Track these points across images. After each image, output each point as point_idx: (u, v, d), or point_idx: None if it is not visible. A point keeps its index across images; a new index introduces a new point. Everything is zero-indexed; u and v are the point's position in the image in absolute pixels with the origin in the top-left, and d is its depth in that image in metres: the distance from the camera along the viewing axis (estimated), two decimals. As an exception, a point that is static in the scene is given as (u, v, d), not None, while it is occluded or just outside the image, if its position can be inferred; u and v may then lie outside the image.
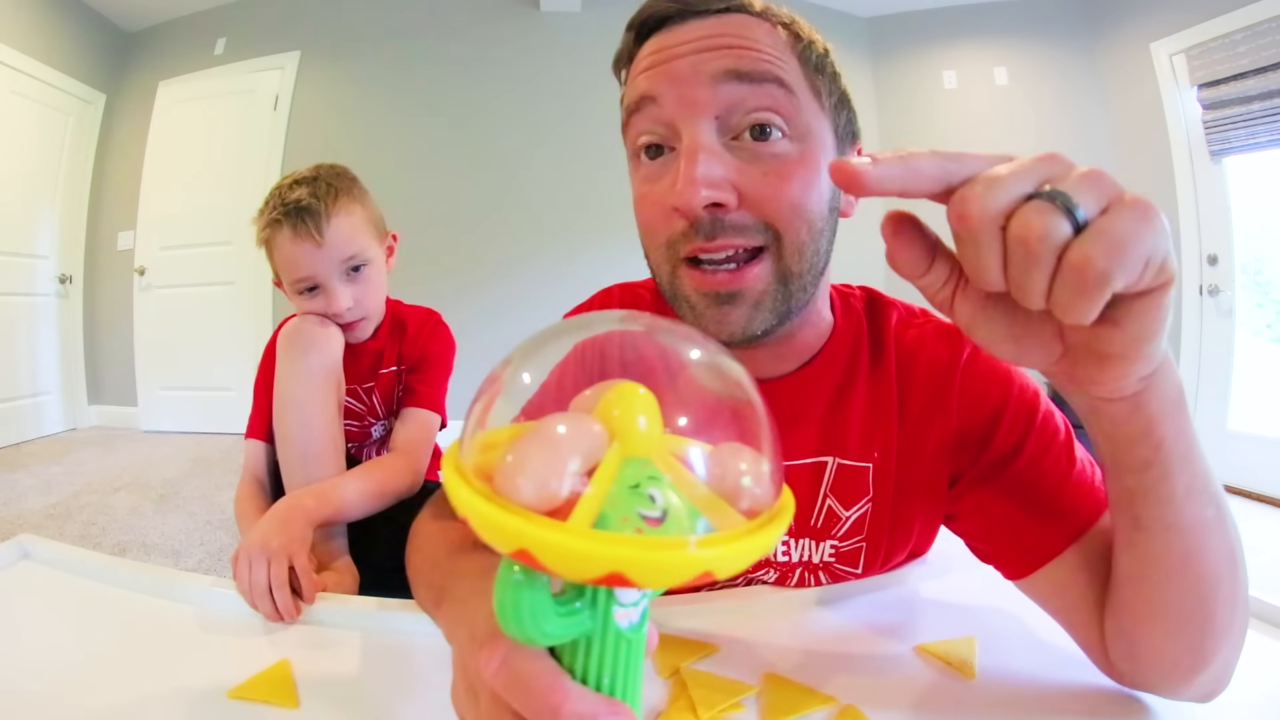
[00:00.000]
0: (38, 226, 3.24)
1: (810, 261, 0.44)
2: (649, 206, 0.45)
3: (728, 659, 0.45)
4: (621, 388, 0.19)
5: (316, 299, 0.82)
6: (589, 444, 0.17)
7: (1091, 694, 0.41)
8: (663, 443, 0.19)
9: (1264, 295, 2.78)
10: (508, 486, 0.17)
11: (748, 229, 0.41)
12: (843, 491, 0.52)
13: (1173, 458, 0.31)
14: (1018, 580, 0.46)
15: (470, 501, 0.17)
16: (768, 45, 0.42)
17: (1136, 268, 0.22)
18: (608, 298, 0.60)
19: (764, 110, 0.41)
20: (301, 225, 0.78)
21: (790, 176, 0.42)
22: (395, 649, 0.47)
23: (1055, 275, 0.23)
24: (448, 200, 3.18)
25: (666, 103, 0.42)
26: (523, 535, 0.16)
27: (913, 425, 0.50)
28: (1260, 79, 2.51)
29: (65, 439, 3.21)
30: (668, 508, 0.17)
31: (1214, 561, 0.35)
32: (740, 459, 0.19)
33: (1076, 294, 0.22)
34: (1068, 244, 0.22)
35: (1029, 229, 0.22)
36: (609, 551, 0.16)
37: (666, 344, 0.22)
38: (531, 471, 0.17)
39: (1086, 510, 0.43)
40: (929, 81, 3.44)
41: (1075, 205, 0.22)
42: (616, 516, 0.17)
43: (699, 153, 0.40)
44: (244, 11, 3.41)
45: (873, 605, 0.53)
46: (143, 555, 1.79)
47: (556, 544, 0.16)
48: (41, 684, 0.40)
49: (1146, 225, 0.22)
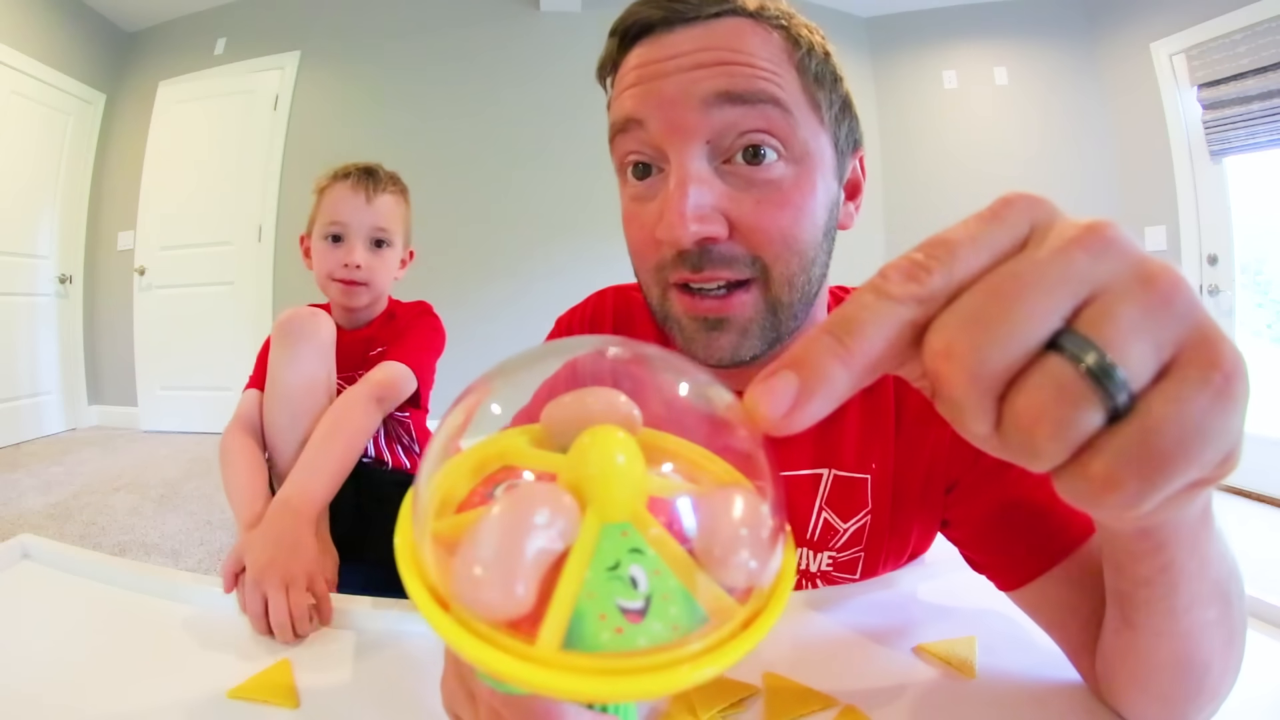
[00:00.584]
0: (38, 226, 3.24)
1: (801, 290, 0.42)
2: (637, 230, 0.43)
3: (728, 659, 0.45)
4: (596, 433, 0.17)
5: (338, 249, 0.92)
6: (556, 525, 0.15)
7: (1092, 694, 0.41)
8: (644, 489, 0.17)
9: (1264, 295, 2.78)
10: (466, 597, 0.15)
11: (736, 261, 0.40)
12: (840, 503, 0.51)
13: (1180, 577, 0.26)
14: (1009, 592, 0.46)
15: (430, 613, 0.15)
16: (763, 58, 0.39)
17: (1188, 480, 0.15)
18: (601, 301, 0.60)
19: (758, 132, 0.39)
20: (363, 181, 0.92)
21: (784, 204, 0.40)
22: (394, 648, 0.47)
23: (1065, 468, 0.15)
24: (447, 200, 3.18)
25: (654, 127, 0.40)
26: (487, 662, 0.14)
27: (910, 433, 0.50)
28: (1260, 79, 2.51)
29: (65, 439, 3.21)
30: (650, 594, 0.15)
31: (1208, 654, 0.31)
32: (734, 513, 0.17)
33: (1085, 504, 0.16)
34: (1097, 434, 0.15)
35: (1038, 421, 0.15)
36: (577, 685, 0.14)
37: (650, 372, 0.19)
38: (489, 581, 0.14)
39: (1080, 524, 0.42)
40: (929, 81, 3.44)
41: (1115, 376, 0.14)
42: (594, 614, 0.15)
43: (688, 184, 0.38)
44: (244, 11, 3.41)
45: (873, 605, 0.53)
46: (142, 555, 1.79)
47: (523, 675, 0.14)
48: (41, 684, 0.40)
49: (1220, 413, 0.15)
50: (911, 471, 0.50)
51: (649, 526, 0.16)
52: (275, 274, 3.28)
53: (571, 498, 0.16)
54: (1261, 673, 0.43)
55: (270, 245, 3.28)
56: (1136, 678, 0.34)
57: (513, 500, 0.15)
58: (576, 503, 0.16)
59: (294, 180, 3.23)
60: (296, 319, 0.80)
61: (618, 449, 0.16)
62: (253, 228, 3.30)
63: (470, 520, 0.16)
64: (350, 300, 0.93)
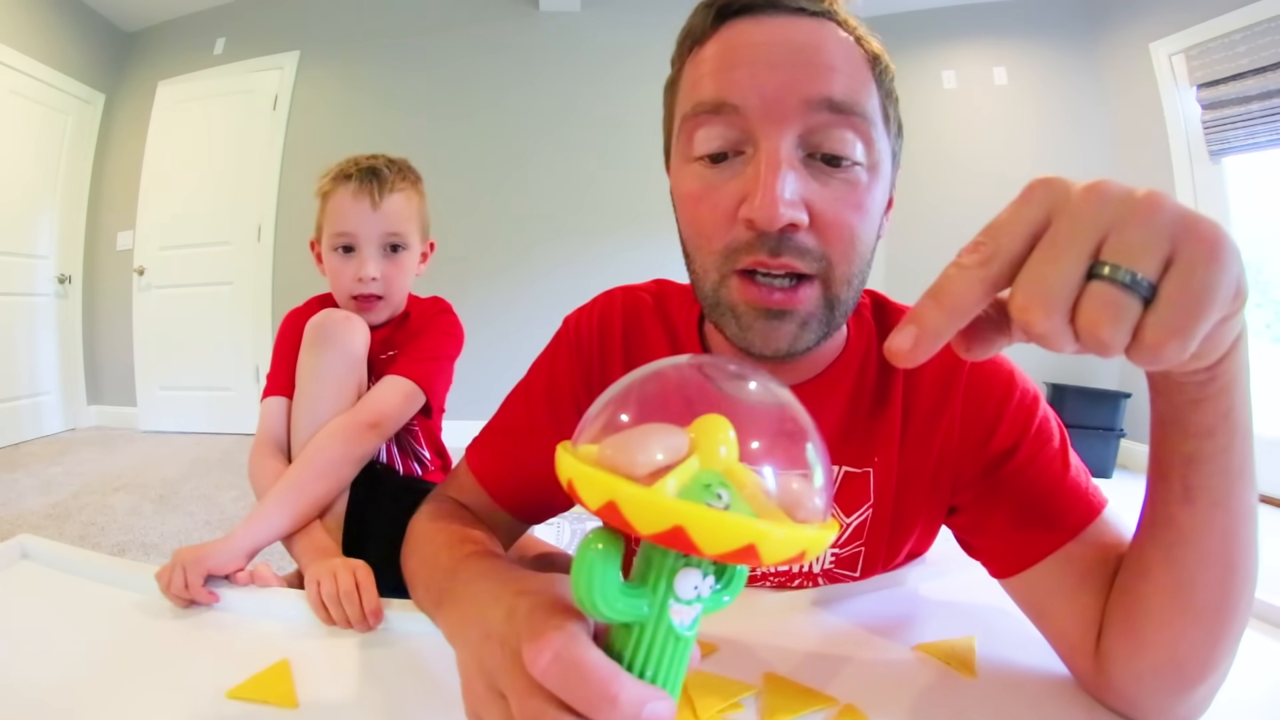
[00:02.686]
0: (37, 226, 3.24)
1: (855, 289, 0.44)
2: (710, 210, 0.42)
3: (728, 659, 0.45)
4: (710, 418, 0.22)
5: (350, 261, 0.86)
6: (675, 444, 0.21)
7: (1087, 693, 0.41)
8: (736, 465, 0.22)
9: (1264, 295, 2.78)
10: (606, 457, 0.21)
11: (808, 254, 0.40)
12: (844, 498, 0.52)
13: (1236, 429, 0.31)
14: (1002, 579, 0.46)
15: (573, 465, 0.21)
16: (857, 70, 0.41)
17: (1212, 322, 0.22)
18: (610, 301, 0.60)
19: (846, 141, 0.40)
20: (366, 185, 0.84)
21: (858, 207, 0.41)
22: (394, 648, 0.47)
23: (1131, 346, 0.22)
24: (447, 200, 3.17)
25: (751, 114, 0.40)
26: (612, 489, 0.20)
27: (918, 428, 0.50)
28: (1259, 79, 2.51)
29: (64, 439, 3.21)
30: (731, 504, 0.20)
31: (1247, 553, 0.34)
32: (798, 480, 0.22)
33: (1152, 364, 0.22)
34: (1141, 319, 0.21)
35: (1100, 326, 0.21)
36: (676, 508, 0.19)
37: (742, 388, 0.25)
38: (628, 448, 0.21)
39: (1076, 516, 0.43)
40: (928, 81, 3.44)
41: (1140, 279, 0.21)
42: (695, 496, 0.20)
43: (781, 167, 0.39)
44: (243, 11, 3.41)
45: (872, 605, 0.53)
46: (142, 555, 1.79)
47: (635, 497, 0.19)
48: (40, 684, 0.40)
49: (1217, 272, 0.21)
50: (919, 467, 0.50)
51: (736, 474, 0.21)
52: (275, 274, 3.29)
53: (687, 437, 0.22)
54: (1262, 673, 0.43)
55: (270, 245, 3.28)
56: (1179, 588, 0.35)
57: (650, 424, 0.22)
58: (689, 443, 0.21)
59: (293, 180, 3.23)
60: (330, 324, 0.78)
61: (727, 430, 0.22)
62: (252, 227, 3.30)
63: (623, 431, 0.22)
64: (368, 318, 0.86)
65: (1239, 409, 0.30)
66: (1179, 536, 0.34)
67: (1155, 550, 0.36)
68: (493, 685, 0.26)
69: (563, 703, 0.22)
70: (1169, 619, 0.36)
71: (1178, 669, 0.36)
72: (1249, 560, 0.34)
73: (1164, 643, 0.36)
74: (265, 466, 0.78)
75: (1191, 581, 0.35)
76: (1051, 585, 0.43)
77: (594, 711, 0.21)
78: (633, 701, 0.21)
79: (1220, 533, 0.33)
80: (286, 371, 0.82)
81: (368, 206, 0.84)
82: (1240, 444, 0.31)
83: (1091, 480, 0.45)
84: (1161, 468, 0.34)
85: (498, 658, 0.26)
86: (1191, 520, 0.33)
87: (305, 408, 0.78)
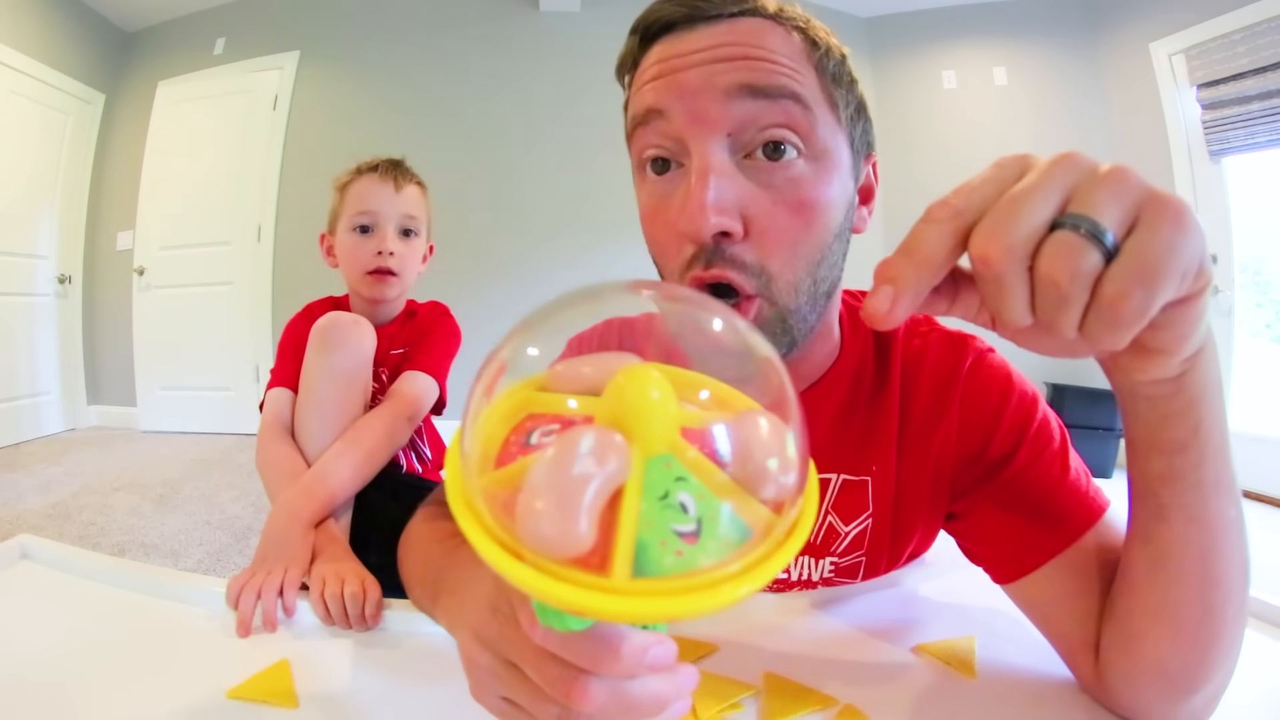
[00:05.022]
0: (37, 226, 3.24)
1: (809, 293, 0.42)
2: (660, 228, 0.42)
3: (728, 659, 0.45)
4: (630, 371, 0.18)
5: (368, 240, 0.91)
6: (610, 464, 0.16)
7: (1086, 693, 0.41)
8: (679, 423, 0.18)
9: (1263, 295, 2.78)
10: (532, 538, 0.16)
11: (746, 268, 0.39)
12: (843, 507, 0.51)
13: (1208, 444, 0.30)
14: (1004, 585, 0.46)
15: (497, 558, 0.16)
16: (784, 55, 0.39)
17: (1173, 287, 0.21)
18: (609, 326, 0.59)
19: (779, 128, 0.39)
20: (390, 171, 0.94)
21: (800, 205, 0.40)
22: (393, 648, 0.47)
23: (1089, 308, 0.21)
24: (447, 199, 3.17)
25: (675, 117, 0.39)
26: (568, 601, 0.15)
27: (916, 434, 0.50)
28: (1259, 79, 2.51)
29: (64, 439, 3.21)
30: (700, 516, 0.17)
31: (1229, 566, 0.33)
32: (760, 433, 0.18)
33: (1111, 328, 0.21)
34: (1100, 274, 0.21)
35: (1058, 268, 0.21)
36: (654, 607, 0.16)
37: (677, 313, 0.22)
38: (556, 522, 0.15)
39: (1077, 519, 0.42)
40: (928, 81, 3.44)
41: (1103, 231, 0.21)
42: (654, 541, 0.16)
43: (709, 174, 0.38)
44: (243, 11, 3.41)
45: (872, 605, 0.53)
46: (142, 555, 1.79)
47: (603, 606, 0.15)
48: (40, 684, 0.40)
49: (1180, 236, 0.21)
50: (918, 473, 0.50)
51: (688, 453, 0.17)
52: (275, 274, 3.28)
53: (621, 436, 0.17)
54: (1262, 673, 0.43)
55: (269, 245, 3.28)
56: (1163, 603, 0.35)
57: (567, 443, 0.16)
58: (625, 440, 0.17)
59: (293, 180, 3.23)
60: (339, 326, 0.78)
61: (651, 385, 0.18)
62: (252, 227, 3.30)
63: (523, 469, 0.17)
64: (382, 292, 0.92)
65: (1209, 424, 0.30)
66: (1157, 553, 0.34)
67: (1137, 566, 0.36)
68: (501, 656, 0.26)
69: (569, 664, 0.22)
70: (1153, 633, 0.36)
71: (1168, 680, 0.36)
72: (1232, 573, 0.34)
73: (1151, 657, 0.36)
74: (276, 451, 0.78)
75: (1173, 598, 0.35)
76: (1053, 590, 0.42)
77: (598, 666, 0.22)
78: (634, 651, 0.22)
79: (1197, 549, 0.33)
80: (292, 367, 0.83)
81: (391, 189, 0.92)
82: (1213, 459, 0.31)
83: (1093, 481, 0.45)
84: (1137, 487, 0.34)
85: (496, 627, 0.26)
86: (1169, 537, 0.33)
87: (313, 408, 0.78)
